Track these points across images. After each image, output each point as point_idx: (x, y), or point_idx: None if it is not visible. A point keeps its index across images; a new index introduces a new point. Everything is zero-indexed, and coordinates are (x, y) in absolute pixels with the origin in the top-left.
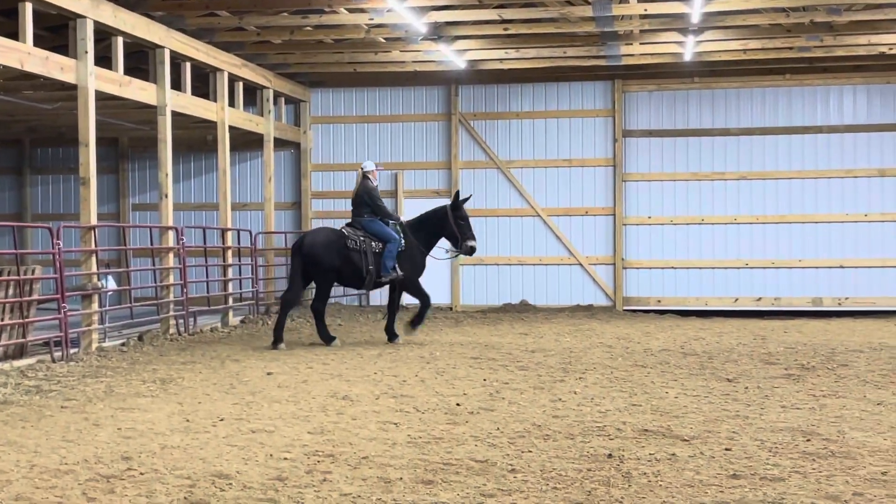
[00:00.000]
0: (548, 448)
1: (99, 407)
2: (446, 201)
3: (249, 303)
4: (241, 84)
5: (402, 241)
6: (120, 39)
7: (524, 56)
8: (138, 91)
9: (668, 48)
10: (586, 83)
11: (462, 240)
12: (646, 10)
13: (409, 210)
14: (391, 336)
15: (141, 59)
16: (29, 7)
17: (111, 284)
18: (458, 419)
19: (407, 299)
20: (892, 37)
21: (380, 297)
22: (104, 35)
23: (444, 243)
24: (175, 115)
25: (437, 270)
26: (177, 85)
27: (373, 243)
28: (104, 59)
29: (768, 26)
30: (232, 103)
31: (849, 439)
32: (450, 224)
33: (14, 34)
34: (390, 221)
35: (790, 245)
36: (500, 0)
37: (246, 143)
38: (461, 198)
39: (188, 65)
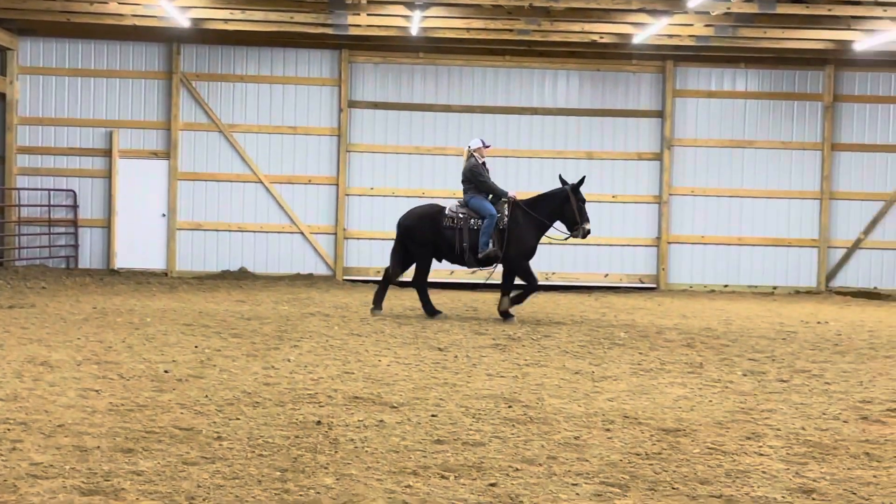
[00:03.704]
0: (256, 416)
1: None
2: (164, 163)
3: None
4: None
5: (502, 218)
6: None
7: (250, 18)
8: None
9: (394, 21)
10: (313, 50)
11: (581, 222)
12: None
13: (124, 170)
14: (504, 315)
15: None
16: None
17: None
18: (165, 386)
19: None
20: (604, 26)
21: (89, 260)
22: None
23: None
24: None
25: (153, 234)
26: None
27: (471, 220)
28: None
29: (491, 7)
30: None
31: (547, 406)
32: (571, 206)
33: None
34: (502, 199)
35: None
36: None
37: None
38: (577, 181)
39: None
